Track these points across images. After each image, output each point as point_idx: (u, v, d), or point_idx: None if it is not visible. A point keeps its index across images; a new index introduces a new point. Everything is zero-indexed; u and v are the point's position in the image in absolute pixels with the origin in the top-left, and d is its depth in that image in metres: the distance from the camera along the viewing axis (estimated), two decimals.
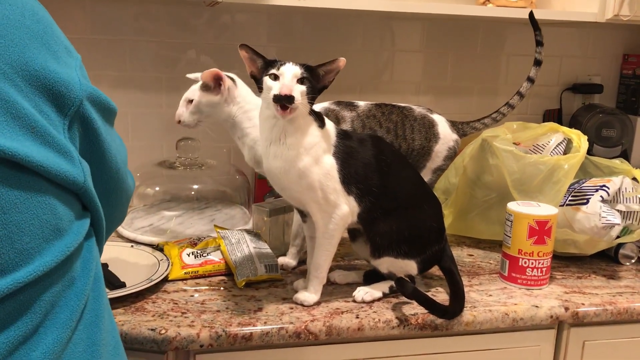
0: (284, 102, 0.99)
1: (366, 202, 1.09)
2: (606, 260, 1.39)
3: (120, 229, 1.41)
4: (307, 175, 1.04)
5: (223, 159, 1.68)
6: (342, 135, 1.10)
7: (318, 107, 1.28)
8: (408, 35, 1.78)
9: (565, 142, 1.42)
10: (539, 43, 1.38)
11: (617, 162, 1.39)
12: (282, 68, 1.01)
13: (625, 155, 1.79)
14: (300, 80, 1.01)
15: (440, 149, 1.33)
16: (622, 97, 1.91)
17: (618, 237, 1.32)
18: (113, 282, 1.11)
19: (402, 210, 1.12)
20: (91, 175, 0.69)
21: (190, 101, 1.27)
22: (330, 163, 1.06)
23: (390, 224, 1.11)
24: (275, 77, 1.02)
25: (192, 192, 1.52)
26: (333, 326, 1.04)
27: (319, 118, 1.07)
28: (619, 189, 1.32)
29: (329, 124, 1.09)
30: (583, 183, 1.36)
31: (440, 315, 1.08)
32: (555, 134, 1.41)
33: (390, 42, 1.77)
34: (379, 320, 1.07)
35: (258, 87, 1.05)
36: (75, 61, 0.69)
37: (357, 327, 1.05)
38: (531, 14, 1.38)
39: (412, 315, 1.08)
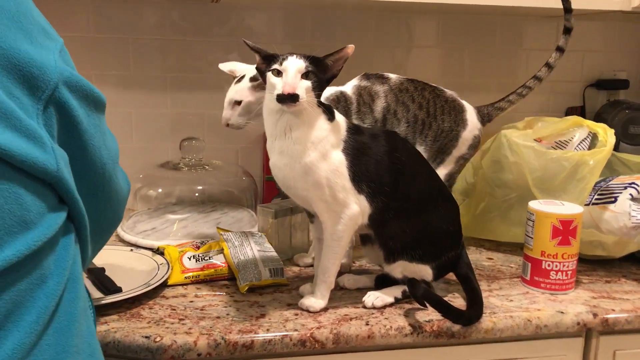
0: (288, 101, 0.93)
1: (378, 202, 1.02)
2: (637, 264, 1.30)
3: (121, 232, 1.36)
4: (314, 172, 0.97)
5: (229, 160, 1.62)
6: (353, 129, 1.03)
7: (347, 86, 1.22)
8: (423, 30, 1.71)
9: (590, 137, 1.33)
10: (568, 11, 1.29)
11: None
12: (285, 63, 0.95)
13: None
14: (305, 75, 0.95)
15: (467, 137, 1.26)
16: None
17: None
18: (109, 286, 1.05)
19: (417, 212, 1.04)
20: (74, 170, 0.64)
21: (238, 102, 1.17)
22: (339, 159, 0.99)
23: (404, 225, 1.04)
24: (279, 73, 0.95)
25: (197, 194, 1.46)
26: (341, 334, 0.97)
27: (328, 110, 1.00)
28: None
29: (339, 117, 1.02)
30: (610, 181, 1.27)
31: (455, 320, 1.01)
32: (579, 129, 1.32)
33: (404, 38, 1.70)
34: (391, 327, 0.99)
35: (263, 81, 1.00)
36: (54, 44, 0.64)
37: (366, 335, 0.98)
38: None
39: (427, 322, 1.01)
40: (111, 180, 0.74)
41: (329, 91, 1.20)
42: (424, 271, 1.07)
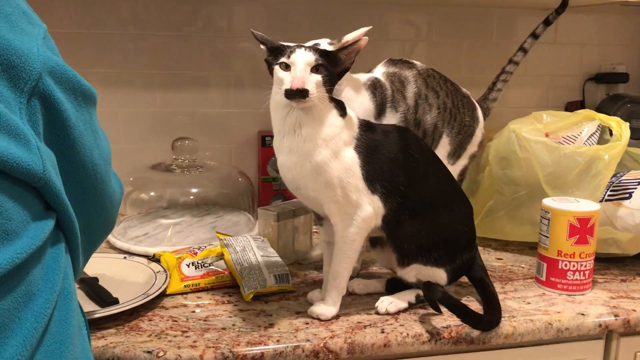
0: (297, 97, 0.87)
1: (392, 202, 0.96)
2: None
3: (112, 238, 1.28)
4: (325, 171, 0.91)
5: (222, 160, 1.55)
6: (365, 126, 0.97)
7: (377, 72, 1.16)
8: (418, 24, 1.66)
9: (599, 131, 1.29)
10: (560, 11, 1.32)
11: None
12: (293, 56, 0.89)
13: None
14: (315, 69, 0.89)
15: (478, 134, 1.24)
16: None
17: None
18: (104, 298, 0.98)
19: (432, 212, 0.99)
20: (62, 172, 0.57)
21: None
22: (351, 157, 0.93)
23: (419, 227, 0.98)
24: (287, 67, 0.89)
25: (191, 197, 1.38)
26: (356, 343, 0.91)
27: (339, 106, 0.94)
28: None
29: (351, 113, 0.96)
30: (622, 176, 1.23)
31: (475, 325, 0.95)
32: (588, 123, 1.28)
33: (398, 31, 1.65)
34: (407, 334, 0.93)
35: (270, 74, 0.93)
36: (37, 30, 0.57)
37: (382, 344, 0.92)
38: None
39: (445, 327, 0.95)
40: (104, 183, 0.67)
41: (365, 77, 1.14)
42: (438, 275, 1.01)
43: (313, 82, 0.87)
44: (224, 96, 1.55)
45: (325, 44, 1.04)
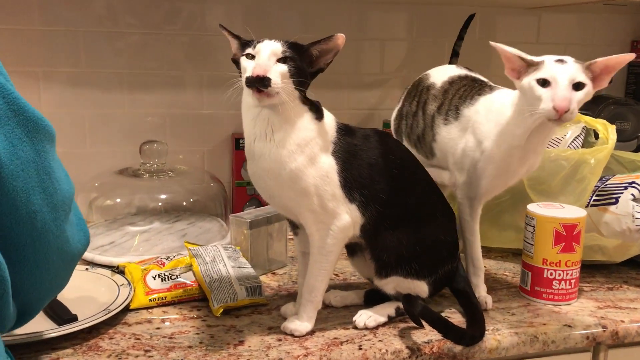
0: (257, 85, 0.80)
1: (371, 211, 0.90)
2: (636, 268, 1.22)
3: None
4: (301, 178, 0.85)
5: (194, 164, 1.49)
6: (344, 130, 0.91)
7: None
8: (398, 23, 1.61)
9: (584, 134, 1.25)
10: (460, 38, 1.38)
11: None
12: (259, 45, 0.83)
13: None
14: (282, 60, 0.83)
15: None
16: (632, 87, 1.76)
17: None
18: (62, 315, 0.91)
19: (413, 222, 0.94)
20: None
21: (578, 85, 0.89)
22: (328, 163, 0.87)
23: (399, 237, 0.93)
24: (252, 57, 0.84)
25: (159, 204, 1.31)
26: None
27: (314, 107, 0.88)
28: None
29: (328, 116, 0.90)
30: (607, 180, 1.19)
31: (457, 340, 0.90)
32: (572, 126, 1.24)
33: (379, 30, 1.60)
34: (387, 350, 0.88)
35: (238, 70, 0.87)
36: None
37: None
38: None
39: (426, 343, 0.90)
40: (46, 234, 0.58)
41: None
42: (419, 287, 0.96)
43: (277, 72, 0.82)
44: (197, 97, 1.49)
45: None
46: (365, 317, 0.94)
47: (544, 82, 0.89)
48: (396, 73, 1.63)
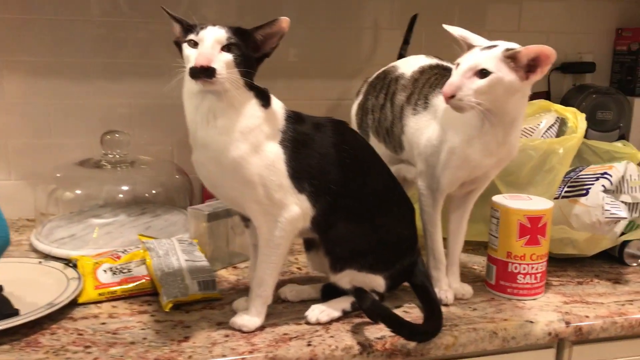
0: (201, 76, 0.78)
1: (323, 202, 0.87)
2: (609, 261, 1.19)
3: (34, 241, 1.18)
4: (244, 167, 0.82)
5: (164, 156, 1.45)
6: (293, 118, 0.88)
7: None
8: (377, 11, 1.57)
9: (558, 123, 1.21)
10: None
11: (619, 146, 1.19)
12: (202, 32, 0.80)
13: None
14: (227, 48, 0.80)
15: None
16: (617, 76, 1.72)
17: (623, 233, 1.12)
18: (2, 309, 0.88)
19: (368, 214, 0.90)
20: None
21: (482, 72, 0.87)
22: (275, 152, 0.84)
23: (353, 229, 0.89)
24: (195, 45, 0.80)
25: (121, 195, 1.28)
26: (278, 357, 0.82)
27: (261, 94, 0.85)
28: (623, 176, 1.12)
29: (276, 104, 0.87)
30: (580, 171, 1.16)
31: (410, 337, 0.87)
32: (546, 114, 1.20)
33: (356, 19, 1.56)
34: (337, 347, 0.85)
35: (180, 55, 0.84)
36: None
37: (308, 358, 0.83)
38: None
39: (379, 339, 0.87)
40: None
41: None
42: (375, 281, 0.93)
43: (222, 62, 0.79)
44: (165, 87, 1.45)
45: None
46: (317, 311, 0.91)
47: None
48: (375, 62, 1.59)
